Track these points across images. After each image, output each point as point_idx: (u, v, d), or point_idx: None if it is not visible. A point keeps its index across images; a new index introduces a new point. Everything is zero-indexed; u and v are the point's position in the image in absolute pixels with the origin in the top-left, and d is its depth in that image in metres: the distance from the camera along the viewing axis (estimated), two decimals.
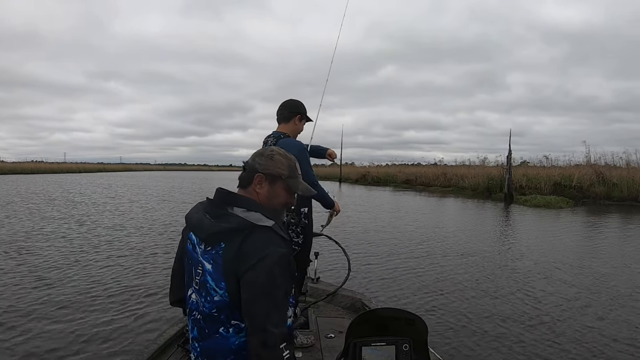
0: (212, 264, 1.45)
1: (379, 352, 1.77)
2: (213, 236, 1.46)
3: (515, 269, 7.35)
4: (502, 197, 23.02)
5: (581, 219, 15.42)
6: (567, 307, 5.40)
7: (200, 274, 1.48)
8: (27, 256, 7.41)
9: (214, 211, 1.51)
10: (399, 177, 37.85)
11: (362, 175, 43.27)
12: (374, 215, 15.14)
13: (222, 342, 1.47)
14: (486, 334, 4.53)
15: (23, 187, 26.05)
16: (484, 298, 5.75)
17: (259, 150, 1.66)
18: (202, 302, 1.48)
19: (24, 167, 54.06)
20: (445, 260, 7.99)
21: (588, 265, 7.61)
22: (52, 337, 4.12)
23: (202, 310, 1.49)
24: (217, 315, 1.46)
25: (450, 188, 29.65)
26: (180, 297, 1.66)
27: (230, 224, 1.44)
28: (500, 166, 26.47)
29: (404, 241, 9.93)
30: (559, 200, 20.15)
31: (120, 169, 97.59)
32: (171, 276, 1.73)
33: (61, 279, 6.10)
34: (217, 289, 1.44)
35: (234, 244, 1.42)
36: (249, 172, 1.58)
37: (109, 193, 23.69)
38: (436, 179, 32.58)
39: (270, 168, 1.58)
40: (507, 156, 23.68)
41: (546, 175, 24.61)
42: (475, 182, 27.31)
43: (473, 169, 30.51)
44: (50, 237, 9.35)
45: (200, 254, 1.49)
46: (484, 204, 20.43)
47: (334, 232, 11.02)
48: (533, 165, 29.84)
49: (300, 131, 2.99)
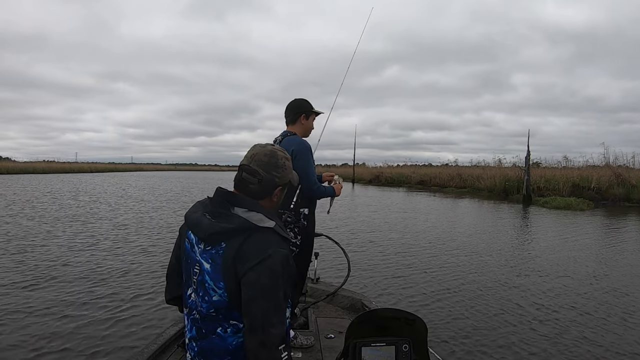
0: (210, 264, 1.46)
1: (379, 352, 1.78)
2: (213, 236, 1.45)
3: (529, 272, 7.29)
4: (519, 198, 22.85)
5: (603, 221, 15.19)
6: (575, 316, 5.23)
7: (198, 273, 1.49)
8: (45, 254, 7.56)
9: (214, 211, 1.50)
10: (412, 178, 37.75)
11: (375, 175, 43.23)
12: (384, 215, 15.15)
13: (220, 342, 1.47)
14: (487, 335, 4.55)
15: (40, 186, 26.53)
16: (489, 300, 5.74)
17: (265, 159, 1.57)
18: (200, 301, 1.49)
19: (36, 166, 54.81)
20: (451, 261, 7.99)
21: (607, 274, 7.39)
22: (53, 336, 4.17)
23: (200, 310, 1.49)
24: (215, 315, 1.46)
25: (466, 189, 29.47)
26: (175, 295, 1.68)
27: (231, 224, 1.44)
28: (517, 167, 26.30)
29: (411, 241, 9.93)
30: (579, 202, 19.90)
31: (131, 169, 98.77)
32: (167, 274, 1.72)
33: (65, 277, 6.22)
34: (216, 289, 1.44)
35: (234, 244, 1.43)
36: (266, 187, 1.55)
37: (134, 194, 23.98)
38: (451, 180, 32.42)
39: (285, 178, 1.61)
40: (525, 157, 23.60)
41: (563, 176, 24.43)
42: (492, 183, 27.13)
43: (489, 169, 30.29)
44: (64, 236, 9.52)
45: (199, 253, 1.49)
46: (501, 206, 20.26)
47: (341, 230, 11.10)
48: (545, 167, 29.52)
49: (311, 128, 3.01)
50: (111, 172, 73.29)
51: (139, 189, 28.80)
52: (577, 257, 8.53)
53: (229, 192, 1.56)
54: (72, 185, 29.41)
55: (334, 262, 6.69)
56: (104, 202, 17.96)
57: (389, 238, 10.32)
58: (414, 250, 8.86)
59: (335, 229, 11.37)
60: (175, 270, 1.67)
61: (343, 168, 62.39)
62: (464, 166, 37.23)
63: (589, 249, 9.57)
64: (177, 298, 1.68)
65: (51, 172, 53.77)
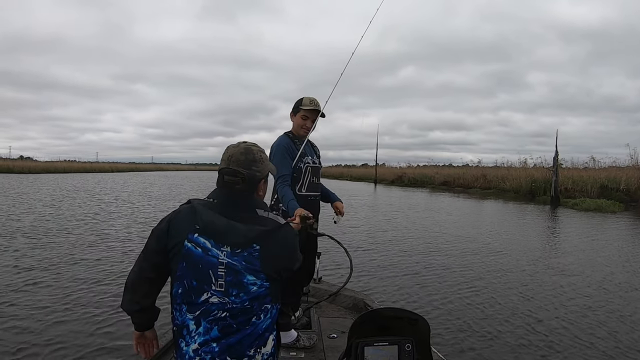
0: (245, 264, 1.57)
1: (382, 352, 1.80)
2: (251, 240, 1.57)
3: (557, 273, 7.15)
4: (546, 199, 22.50)
5: (638, 224, 14.80)
6: (591, 327, 4.90)
7: (225, 274, 1.57)
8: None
9: (243, 215, 1.62)
10: (436, 179, 37.45)
11: (397, 176, 43.01)
12: (405, 214, 15.04)
13: (253, 330, 1.60)
14: (489, 336, 4.54)
15: (69, 184, 27.09)
16: (502, 303, 5.67)
17: (242, 158, 1.67)
18: (233, 299, 1.58)
19: (57, 166, 56.06)
20: (465, 261, 7.93)
21: None
22: (53, 335, 4.21)
23: (232, 307, 1.58)
24: (250, 307, 1.59)
25: (491, 190, 29.09)
26: (148, 305, 1.70)
27: (266, 227, 1.61)
28: (544, 168, 25.91)
29: (425, 241, 9.87)
30: (610, 204, 19.44)
31: (152, 169, 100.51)
32: (134, 282, 1.69)
33: (70, 276, 6.30)
34: (257, 282, 1.58)
35: (267, 244, 1.59)
36: (251, 182, 1.68)
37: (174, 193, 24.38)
38: (475, 181, 32.03)
39: (265, 169, 1.74)
40: (553, 157, 23.30)
41: (590, 177, 23.98)
42: (517, 184, 26.73)
43: (514, 170, 29.86)
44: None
45: (226, 256, 1.57)
46: (528, 207, 19.93)
47: (361, 230, 11.09)
48: (566, 167, 28.89)
49: (300, 125, 3.03)
50: (132, 172, 74.46)
51: (181, 188, 29.21)
52: (616, 263, 8.29)
53: (244, 194, 1.67)
54: (106, 185, 29.96)
55: (336, 262, 6.69)
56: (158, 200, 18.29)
57: (408, 237, 10.26)
58: (427, 250, 8.80)
59: (354, 229, 11.40)
60: (148, 279, 1.68)
61: (363, 168, 62.34)
62: (487, 167, 36.79)
63: (629, 254, 9.22)
64: (148, 308, 1.71)
65: (72, 171, 54.90)
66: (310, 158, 3.03)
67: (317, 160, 3.13)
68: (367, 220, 13.72)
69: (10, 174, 42.20)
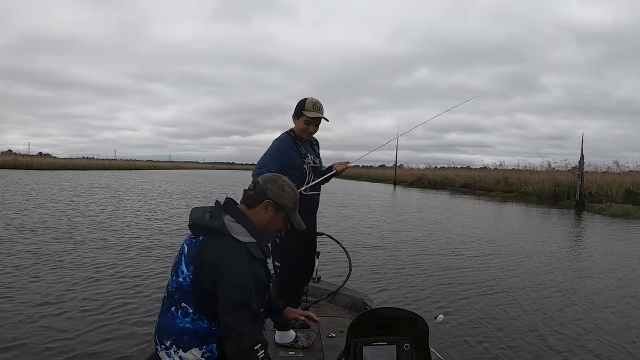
0: (188, 251, 1.74)
1: (381, 351, 1.83)
2: (194, 227, 1.75)
3: (584, 276, 7.06)
4: (571, 204, 22.12)
5: None
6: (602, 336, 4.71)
7: (178, 256, 1.78)
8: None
9: (211, 211, 1.78)
10: (457, 181, 37.14)
11: (417, 178, 42.74)
12: (422, 216, 14.90)
13: (171, 321, 1.71)
14: (490, 336, 4.54)
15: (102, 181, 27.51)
16: (501, 304, 5.65)
17: (271, 176, 1.90)
18: (171, 281, 1.76)
19: (76, 163, 56.78)
20: (476, 263, 7.89)
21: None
22: (52, 335, 4.21)
23: (169, 289, 1.76)
24: (174, 295, 1.72)
25: (513, 194, 28.71)
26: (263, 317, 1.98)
27: (212, 224, 1.71)
28: (569, 171, 25.52)
29: (438, 243, 9.77)
30: (637, 209, 19.06)
31: (170, 167, 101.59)
32: None
33: (77, 277, 6.19)
34: (185, 271, 1.71)
35: (208, 242, 1.70)
36: (258, 195, 1.82)
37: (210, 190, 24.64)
38: (497, 184, 31.63)
39: (279, 198, 1.82)
40: (579, 161, 22.84)
41: (614, 181, 23.52)
42: (541, 188, 26.28)
43: (537, 174, 29.42)
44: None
45: (186, 239, 1.79)
46: (551, 212, 19.59)
47: (374, 230, 11.05)
48: (588, 172, 28.37)
49: (302, 129, 3.00)
50: (150, 169, 75.27)
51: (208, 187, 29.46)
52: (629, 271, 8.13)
53: (232, 203, 1.82)
54: (134, 182, 30.33)
55: (335, 262, 6.67)
56: None
57: (421, 239, 10.17)
58: (438, 252, 8.72)
59: (370, 229, 11.39)
60: None
61: (382, 170, 62.11)
62: (507, 170, 36.35)
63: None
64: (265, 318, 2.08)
65: (91, 168, 55.50)
66: (311, 158, 3.05)
67: (317, 160, 3.14)
68: (384, 221, 13.70)
69: (29, 170, 42.96)
